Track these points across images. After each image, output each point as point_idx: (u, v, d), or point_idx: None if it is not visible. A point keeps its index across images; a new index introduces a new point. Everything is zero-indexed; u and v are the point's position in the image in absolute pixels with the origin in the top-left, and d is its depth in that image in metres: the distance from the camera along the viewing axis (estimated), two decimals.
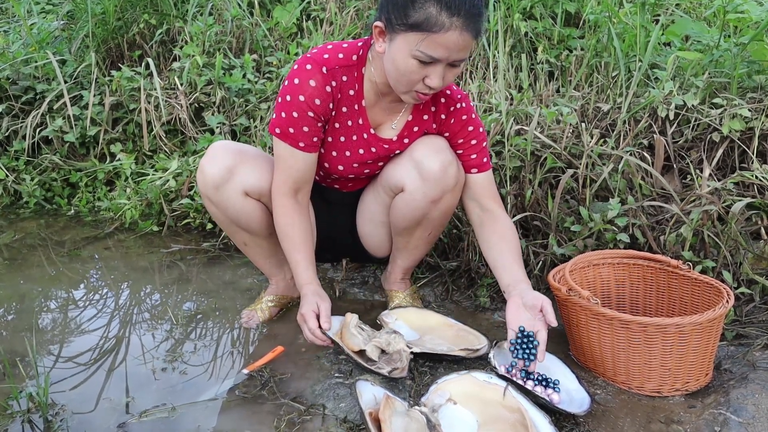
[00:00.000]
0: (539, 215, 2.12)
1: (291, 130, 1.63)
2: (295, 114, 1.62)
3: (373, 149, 1.75)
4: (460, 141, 1.76)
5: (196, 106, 3.08)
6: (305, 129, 1.64)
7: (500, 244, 1.72)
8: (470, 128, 1.76)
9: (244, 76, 3.06)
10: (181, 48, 3.28)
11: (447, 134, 1.77)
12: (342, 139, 1.73)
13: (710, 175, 2.11)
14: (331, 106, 1.66)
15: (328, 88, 1.62)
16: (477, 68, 3.08)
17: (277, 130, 1.65)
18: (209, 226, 2.60)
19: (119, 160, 3.01)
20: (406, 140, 1.76)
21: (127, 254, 2.50)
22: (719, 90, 2.33)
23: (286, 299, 2.00)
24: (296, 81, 1.61)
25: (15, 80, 3.22)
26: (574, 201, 2.16)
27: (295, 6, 3.50)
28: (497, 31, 2.74)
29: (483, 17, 1.49)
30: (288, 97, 1.62)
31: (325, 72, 1.61)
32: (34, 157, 3.12)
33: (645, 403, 1.54)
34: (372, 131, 1.73)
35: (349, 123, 1.71)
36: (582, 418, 1.47)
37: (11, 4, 3.95)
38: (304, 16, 3.58)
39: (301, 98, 1.60)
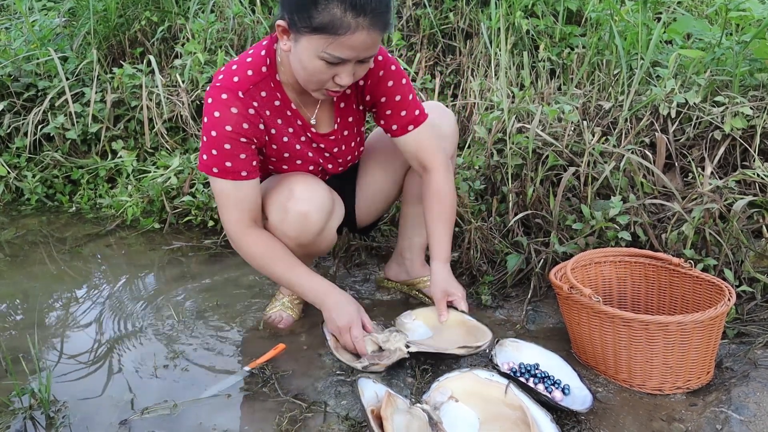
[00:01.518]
0: (541, 213, 2.12)
1: (228, 164, 1.56)
2: (227, 146, 1.54)
3: (322, 145, 1.73)
4: (383, 100, 1.70)
5: (198, 103, 3.08)
6: (242, 156, 1.57)
7: (432, 208, 1.77)
8: (390, 83, 1.69)
9: None
10: (182, 45, 3.28)
11: (368, 97, 1.72)
12: (297, 147, 1.70)
13: (712, 173, 2.10)
14: (261, 126, 1.61)
15: (251, 110, 1.57)
16: (478, 66, 3.08)
17: (215, 170, 1.56)
18: (210, 223, 2.60)
19: (121, 157, 3.02)
20: (339, 119, 1.73)
21: (129, 251, 2.51)
22: (721, 88, 2.32)
23: None
24: (216, 114, 1.53)
25: (17, 77, 3.23)
26: (575, 199, 2.16)
27: None
28: (499, 28, 2.74)
29: (390, 10, 1.43)
30: (214, 133, 1.54)
31: (242, 96, 1.55)
32: (35, 154, 3.12)
33: (646, 401, 1.54)
34: (313, 129, 1.71)
35: (291, 130, 1.68)
36: (584, 416, 1.48)
37: (13, 1, 3.95)
38: None
39: (228, 128, 1.53)
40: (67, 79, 3.13)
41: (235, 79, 1.56)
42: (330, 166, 1.79)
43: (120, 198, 2.83)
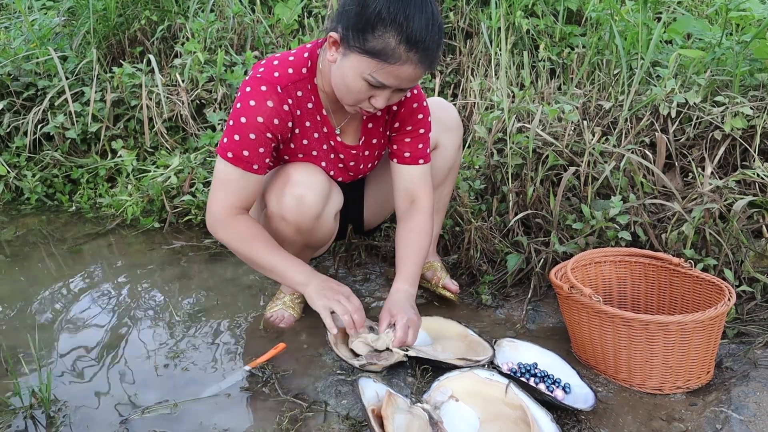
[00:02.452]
0: (541, 213, 2.12)
1: (245, 153, 1.57)
2: (252, 136, 1.56)
3: (342, 155, 1.75)
4: (409, 128, 1.76)
5: (198, 102, 3.08)
6: (261, 150, 1.59)
7: (409, 237, 1.78)
8: (420, 116, 1.75)
9: (245, 73, 3.05)
10: (182, 44, 3.28)
11: (397, 124, 1.76)
12: (314, 153, 1.72)
13: (712, 173, 2.11)
14: (290, 125, 1.63)
15: (286, 107, 1.59)
16: (479, 65, 3.08)
17: (230, 155, 1.58)
18: None
19: (120, 156, 3.01)
20: (363, 137, 1.77)
21: (129, 251, 2.51)
22: (721, 88, 2.33)
23: None
24: (252, 103, 1.56)
25: (16, 76, 3.22)
26: (575, 199, 2.16)
27: (296, 3, 3.50)
28: (499, 28, 2.74)
29: (440, 49, 1.49)
30: (243, 119, 1.56)
31: (280, 91, 1.58)
32: (35, 153, 3.12)
33: (646, 401, 1.54)
34: (338, 139, 1.73)
35: (316, 135, 1.70)
36: (584, 416, 1.48)
37: (12, 0, 3.95)
38: (305, 13, 3.58)
39: (260, 119, 1.56)
40: (67, 78, 3.13)
41: (276, 74, 1.59)
42: (340, 177, 1.81)
43: (120, 197, 2.83)
